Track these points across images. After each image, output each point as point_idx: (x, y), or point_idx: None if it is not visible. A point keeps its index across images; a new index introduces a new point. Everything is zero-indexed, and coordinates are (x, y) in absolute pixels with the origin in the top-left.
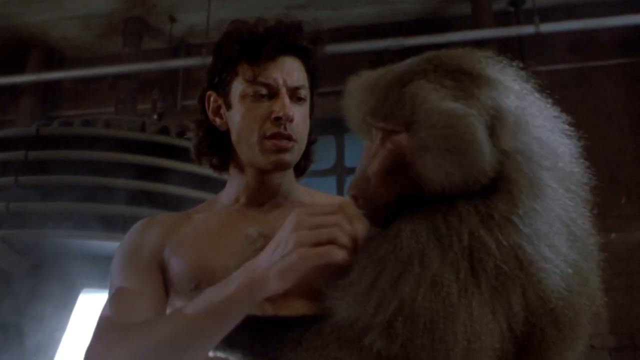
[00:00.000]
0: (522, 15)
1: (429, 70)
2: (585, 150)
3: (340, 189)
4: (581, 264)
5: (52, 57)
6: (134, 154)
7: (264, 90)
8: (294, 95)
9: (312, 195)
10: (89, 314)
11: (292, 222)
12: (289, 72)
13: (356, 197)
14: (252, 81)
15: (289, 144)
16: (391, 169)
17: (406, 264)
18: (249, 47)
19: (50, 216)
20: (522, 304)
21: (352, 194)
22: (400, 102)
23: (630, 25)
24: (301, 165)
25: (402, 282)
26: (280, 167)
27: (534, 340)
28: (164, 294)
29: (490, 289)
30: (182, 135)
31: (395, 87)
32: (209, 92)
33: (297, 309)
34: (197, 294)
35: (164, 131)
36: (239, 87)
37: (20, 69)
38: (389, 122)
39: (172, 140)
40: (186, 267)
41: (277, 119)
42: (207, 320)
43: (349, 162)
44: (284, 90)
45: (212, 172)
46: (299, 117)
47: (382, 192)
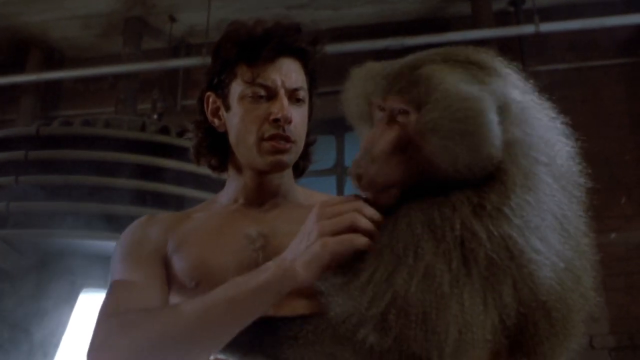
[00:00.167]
0: (522, 15)
1: (438, 60)
2: (585, 150)
3: (340, 189)
4: (574, 262)
5: (52, 57)
6: (134, 154)
7: (262, 91)
8: (293, 96)
9: (311, 195)
10: (90, 313)
11: (314, 213)
12: (288, 73)
13: (359, 176)
14: (251, 83)
15: (287, 145)
16: (397, 149)
17: (401, 256)
18: (247, 49)
19: (50, 216)
20: (513, 295)
21: (355, 173)
22: (414, 82)
23: (630, 25)
24: (300, 165)
25: (396, 275)
26: (277, 168)
27: (527, 334)
28: (167, 287)
29: (481, 279)
30: (182, 135)
31: (406, 70)
32: (208, 93)
33: (297, 308)
34: (197, 292)
35: (164, 131)
36: (237, 88)
37: (20, 69)
38: (401, 101)
39: (172, 140)
40: (186, 265)
41: (276, 121)
42: (234, 307)
43: (349, 162)
44: (282, 91)
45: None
46: (298, 118)
47: (385, 172)
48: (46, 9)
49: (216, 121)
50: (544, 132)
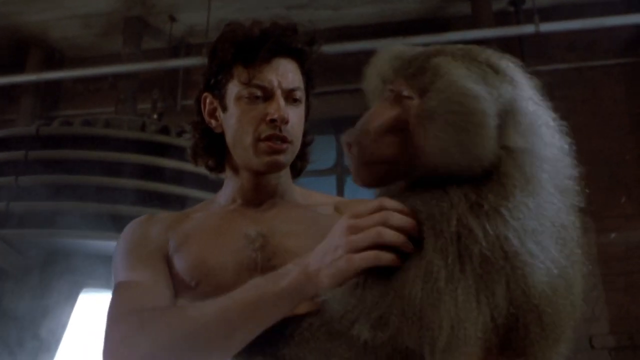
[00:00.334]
0: (522, 15)
1: (458, 54)
2: (585, 150)
3: (340, 189)
4: (567, 270)
5: (52, 57)
6: (134, 154)
7: (259, 92)
8: (289, 96)
9: (309, 195)
10: (90, 313)
11: (342, 226)
12: (284, 74)
13: (350, 145)
14: (247, 83)
15: (283, 146)
16: (393, 129)
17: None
18: (243, 50)
19: (50, 216)
20: (505, 296)
21: (347, 140)
22: (423, 68)
23: (630, 25)
24: (297, 165)
25: (400, 274)
26: (274, 169)
27: (518, 336)
28: (172, 286)
29: (475, 276)
30: (182, 135)
31: (421, 57)
32: (205, 94)
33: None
34: (198, 291)
35: (164, 131)
36: (234, 89)
37: (20, 69)
38: (407, 85)
39: (172, 140)
40: (186, 265)
41: (272, 121)
42: (256, 309)
43: (349, 162)
44: (279, 92)
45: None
46: (295, 118)
47: (376, 147)
48: (46, 8)
49: (213, 122)
50: (551, 145)
